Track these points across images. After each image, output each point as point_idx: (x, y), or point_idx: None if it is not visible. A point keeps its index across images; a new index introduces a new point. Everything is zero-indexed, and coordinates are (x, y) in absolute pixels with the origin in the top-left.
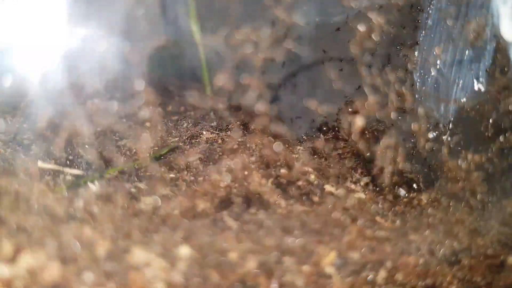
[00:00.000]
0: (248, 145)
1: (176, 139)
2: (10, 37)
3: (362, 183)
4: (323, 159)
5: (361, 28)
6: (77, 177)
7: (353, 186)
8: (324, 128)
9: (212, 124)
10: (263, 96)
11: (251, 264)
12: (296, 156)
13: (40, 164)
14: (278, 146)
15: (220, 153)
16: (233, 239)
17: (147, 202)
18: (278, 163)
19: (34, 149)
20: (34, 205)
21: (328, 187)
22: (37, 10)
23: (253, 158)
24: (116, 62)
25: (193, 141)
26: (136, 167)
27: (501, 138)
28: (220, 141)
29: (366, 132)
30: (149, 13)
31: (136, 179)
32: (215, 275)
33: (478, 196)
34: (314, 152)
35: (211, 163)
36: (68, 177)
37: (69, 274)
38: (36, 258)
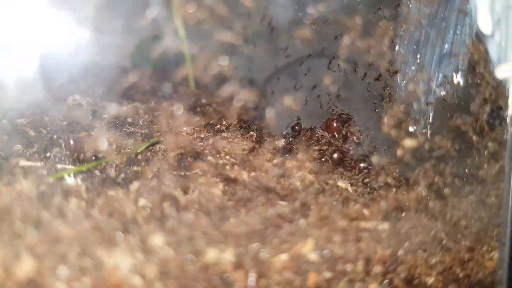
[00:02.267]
0: (230, 140)
1: (158, 134)
2: None
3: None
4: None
5: (343, 21)
6: (55, 171)
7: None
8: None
9: (195, 119)
10: (247, 92)
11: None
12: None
13: (22, 162)
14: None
15: (202, 148)
16: (209, 230)
17: (125, 196)
18: (262, 158)
19: (13, 145)
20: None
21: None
22: (14, 4)
23: (235, 153)
24: (97, 57)
25: (174, 136)
26: (116, 161)
27: (479, 130)
28: (202, 136)
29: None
30: (132, 8)
31: (115, 173)
32: (191, 268)
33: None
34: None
35: (192, 158)
36: (46, 171)
37: (43, 269)
38: (9, 254)
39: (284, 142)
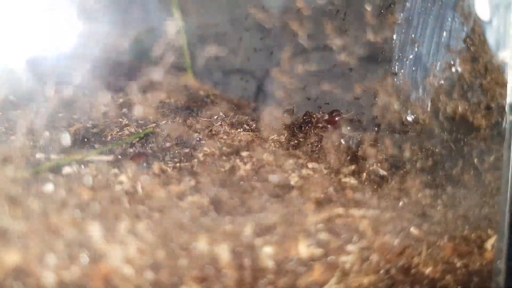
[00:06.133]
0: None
1: (153, 124)
2: None
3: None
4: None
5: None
6: (48, 161)
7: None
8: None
9: (192, 110)
10: (245, 83)
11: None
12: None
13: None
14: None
15: (198, 139)
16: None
17: (119, 187)
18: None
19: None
20: None
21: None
22: None
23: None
24: (93, 49)
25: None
26: (111, 151)
27: (476, 118)
28: (198, 126)
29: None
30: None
31: (110, 163)
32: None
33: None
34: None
35: (187, 148)
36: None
37: (31, 258)
38: None
39: None
